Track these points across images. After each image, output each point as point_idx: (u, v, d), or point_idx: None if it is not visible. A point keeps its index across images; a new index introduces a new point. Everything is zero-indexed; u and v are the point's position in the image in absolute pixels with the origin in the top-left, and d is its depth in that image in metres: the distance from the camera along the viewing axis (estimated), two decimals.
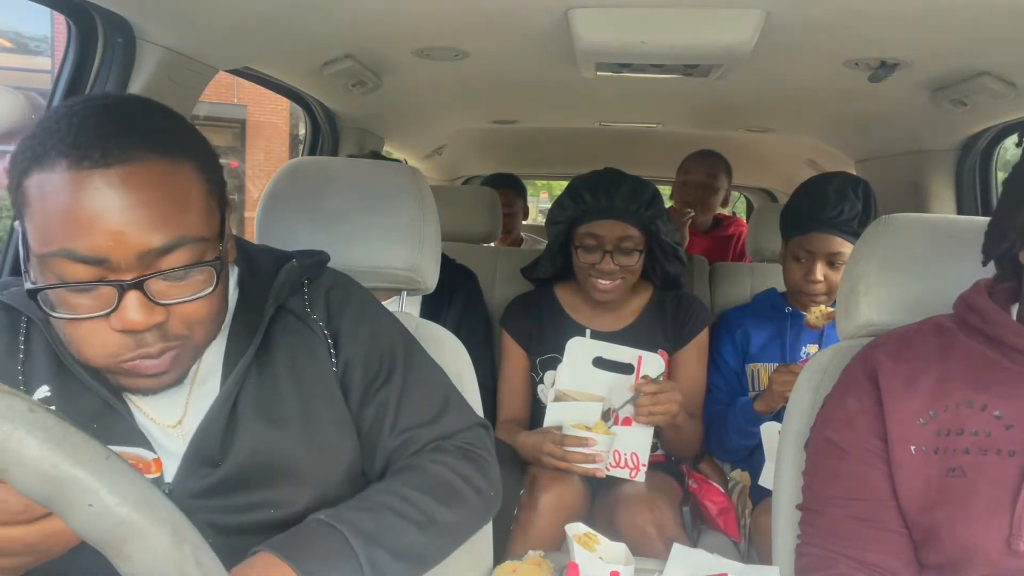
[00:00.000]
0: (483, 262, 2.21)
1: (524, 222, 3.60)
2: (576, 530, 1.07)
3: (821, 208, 1.71)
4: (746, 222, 3.13)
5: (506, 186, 3.24)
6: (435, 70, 1.81)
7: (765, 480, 1.56)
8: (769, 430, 1.57)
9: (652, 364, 1.63)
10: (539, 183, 12.67)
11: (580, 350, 1.65)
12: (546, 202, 14.37)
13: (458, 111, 2.60)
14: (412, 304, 1.73)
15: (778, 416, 1.62)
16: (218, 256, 0.78)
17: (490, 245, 2.57)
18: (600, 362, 1.64)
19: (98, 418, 0.82)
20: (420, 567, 0.84)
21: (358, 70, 1.79)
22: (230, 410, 0.85)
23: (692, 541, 1.59)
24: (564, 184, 1.84)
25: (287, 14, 1.37)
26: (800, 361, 1.75)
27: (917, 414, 0.91)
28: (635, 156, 3.23)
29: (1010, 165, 0.96)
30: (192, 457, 0.83)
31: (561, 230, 1.76)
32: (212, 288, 0.77)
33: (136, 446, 0.82)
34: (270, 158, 13.35)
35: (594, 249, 1.69)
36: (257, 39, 1.53)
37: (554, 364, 1.71)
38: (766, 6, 1.23)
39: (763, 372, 1.80)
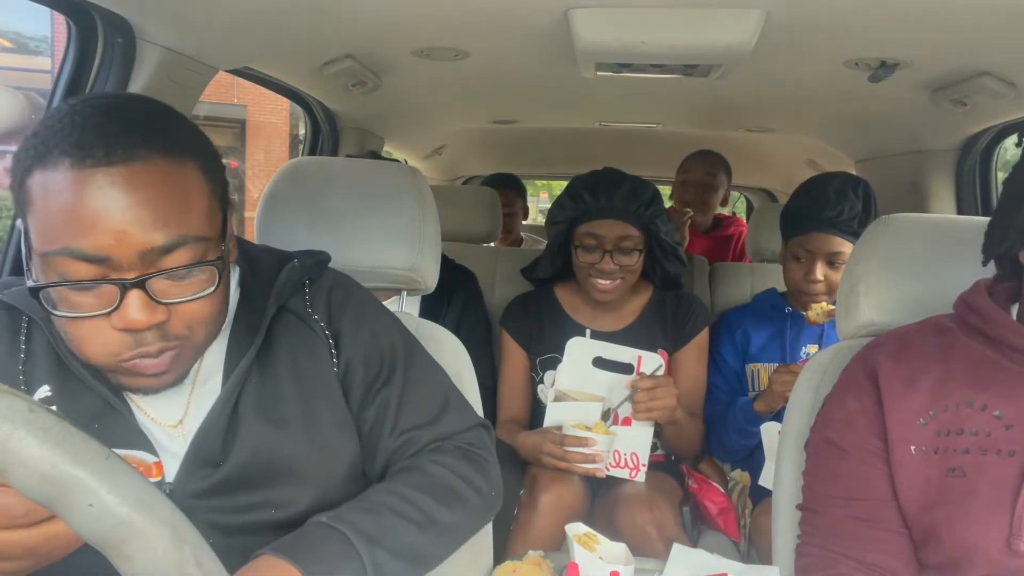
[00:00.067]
0: (483, 262, 2.21)
1: (524, 222, 3.60)
2: (576, 530, 1.07)
3: (821, 208, 1.71)
4: (746, 222, 3.13)
5: (506, 186, 3.24)
6: (435, 70, 1.81)
7: (765, 480, 1.56)
8: (769, 430, 1.57)
9: (652, 364, 1.63)
10: (539, 183, 12.67)
11: (580, 350, 1.65)
12: (546, 202, 14.36)
13: (458, 111, 2.60)
14: (412, 304, 1.73)
15: (778, 416, 1.62)
16: (220, 256, 0.78)
17: (490, 245, 2.57)
18: (600, 362, 1.64)
19: (99, 418, 0.82)
20: (421, 567, 0.84)
21: (358, 70, 1.79)
22: (231, 410, 0.85)
23: (692, 541, 1.59)
24: (564, 184, 1.84)
25: (287, 14, 1.37)
26: (800, 361, 1.75)
27: (917, 414, 0.91)
28: (635, 156, 3.23)
29: (1010, 165, 0.96)
30: (193, 457, 0.83)
31: (561, 230, 1.76)
32: (214, 288, 0.77)
33: (137, 445, 0.82)
34: (270, 158, 13.35)
35: (594, 249, 1.69)
36: (257, 39, 1.53)
37: (554, 364, 1.71)
38: (766, 6, 1.23)
39: (763, 372, 1.80)
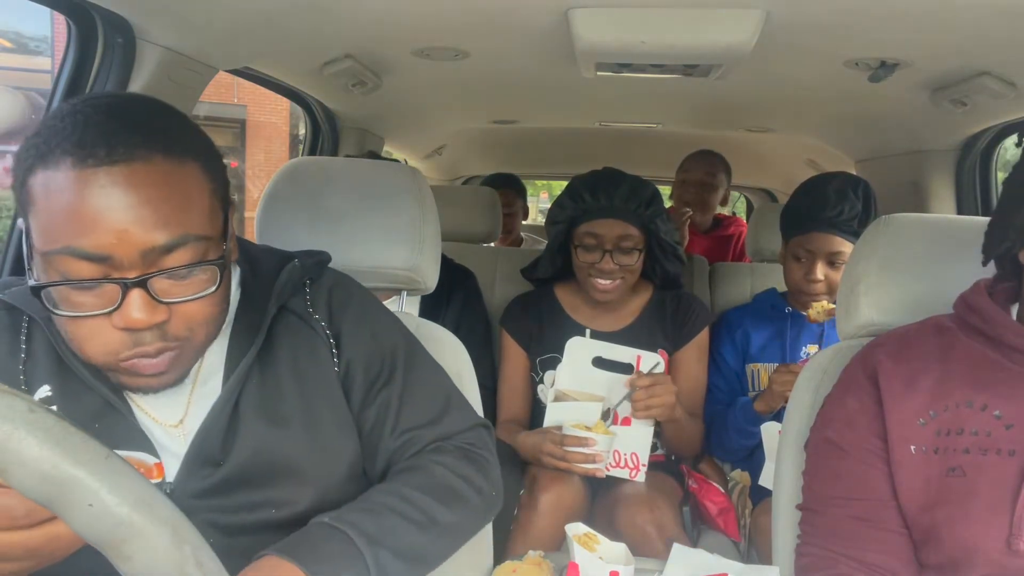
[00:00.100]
0: (483, 262, 2.21)
1: (524, 222, 3.60)
2: (576, 530, 1.07)
3: (821, 208, 1.71)
4: (746, 222, 3.13)
5: (506, 186, 3.24)
6: (435, 70, 1.80)
7: (765, 480, 1.56)
8: (769, 430, 1.57)
9: (651, 364, 1.63)
10: (539, 183, 12.67)
11: (580, 350, 1.65)
12: (546, 202, 14.36)
13: (458, 111, 2.60)
14: (411, 304, 1.73)
15: (778, 416, 1.62)
16: (221, 255, 0.78)
17: (490, 245, 2.57)
18: (600, 362, 1.64)
19: (99, 417, 0.82)
20: (422, 567, 0.84)
21: (358, 70, 1.79)
22: (232, 410, 0.85)
23: (692, 541, 1.59)
24: (564, 184, 1.84)
25: (287, 14, 1.37)
26: (800, 361, 1.75)
27: (917, 414, 0.91)
28: (635, 156, 3.23)
29: (1010, 165, 0.96)
30: (194, 457, 0.83)
31: (561, 230, 1.76)
32: (215, 287, 0.77)
33: (138, 445, 0.82)
34: (270, 158, 13.35)
35: (594, 248, 1.69)
36: (257, 39, 1.53)
37: (554, 364, 1.71)
38: (766, 6, 1.23)
39: (763, 372, 1.80)
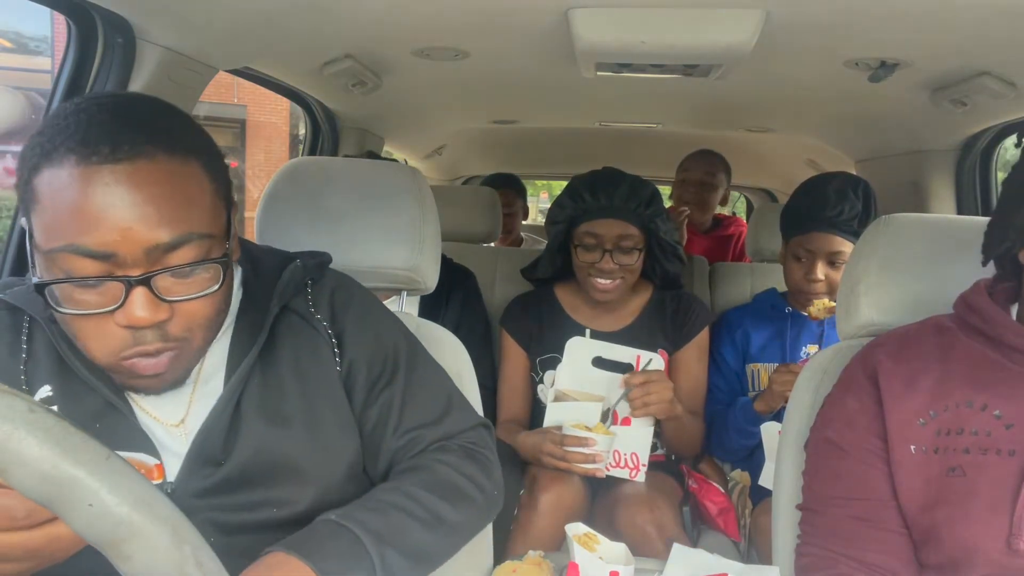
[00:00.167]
0: (483, 262, 2.21)
1: (524, 222, 3.60)
2: (576, 530, 1.07)
3: (821, 208, 1.71)
4: (746, 222, 3.13)
5: (506, 186, 3.24)
6: (435, 70, 1.80)
7: (765, 480, 1.56)
8: (769, 430, 1.57)
9: (653, 364, 1.63)
10: (539, 183, 12.67)
11: (580, 350, 1.65)
12: (546, 202, 14.36)
13: (458, 111, 2.60)
14: (411, 304, 1.73)
15: (778, 416, 1.62)
16: (224, 254, 0.78)
17: (490, 245, 2.57)
18: (600, 362, 1.64)
19: (100, 417, 0.82)
20: (427, 566, 0.84)
21: (358, 70, 1.79)
22: (233, 409, 0.85)
23: (692, 541, 1.59)
24: (564, 184, 1.84)
25: (287, 14, 1.37)
26: (800, 361, 1.75)
27: (917, 414, 0.91)
28: (635, 156, 3.23)
29: (1010, 165, 0.95)
30: (195, 456, 0.83)
31: (561, 230, 1.76)
32: (218, 286, 0.78)
33: (139, 445, 0.82)
34: (270, 158, 13.35)
35: (594, 248, 1.69)
36: (257, 39, 1.53)
37: (554, 364, 1.71)
38: (766, 6, 1.23)
39: (763, 372, 1.80)
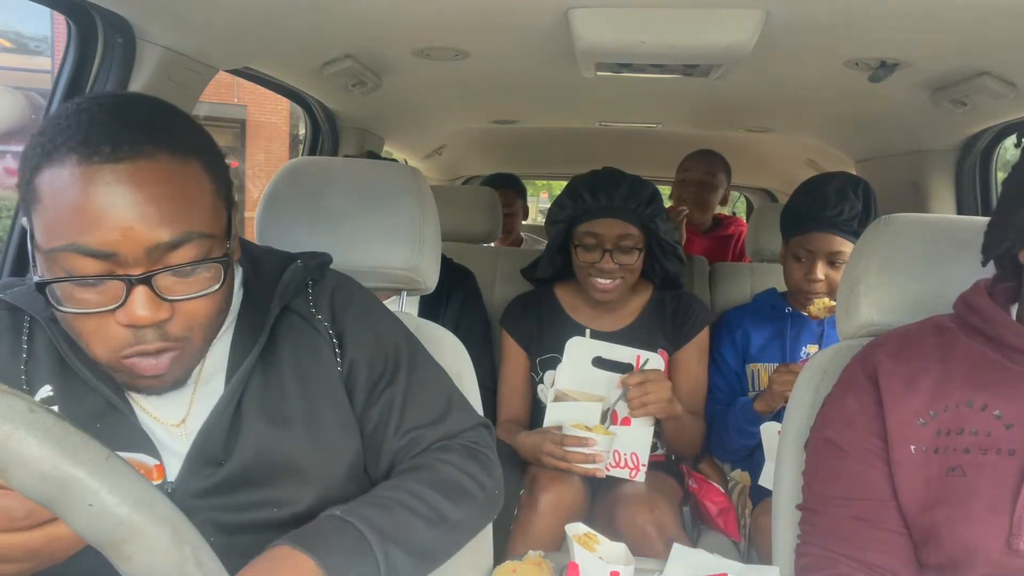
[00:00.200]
0: (483, 262, 2.21)
1: (524, 222, 3.60)
2: (576, 530, 1.07)
3: (821, 208, 1.71)
4: (746, 222, 3.13)
5: (506, 186, 3.24)
6: (435, 70, 1.80)
7: (765, 480, 1.56)
8: (769, 430, 1.57)
9: (651, 363, 1.63)
10: (539, 183, 12.67)
11: (580, 350, 1.65)
12: (546, 202, 14.36)
13: (458, 111, 2.60)
14: (411, 304, 1.73)
15: (778, 416, 1.62)
16: (225, 253, 0.79)
17: (490, 245, 2.57)
18: (600, 362, 1.64)
19: (101, 417, 0.83)
20: (430, 564, 0.85)
21: (358, 70, 1.79)
22: (234, 409, 0.85)
23: (692, 541, 1.59)
24: (564, 184, 1.84)
25: (287, 14, 1.37)
26: (800, 361, 1.75)
27: (917, 414, 0.91)
28: (635, 156, 3.23)
29: (1010, 165, 0.95)
30: (196, 456, 0.84)
31: (560, 229, 1.76)
32: (219, 285, 0.78)
33: (139, 445, 0.83)
34: (270, 158, 13.35)
35: (593, 248, 1.69)
36: (257, 39, 1.53)
37: (554, 364, 1.71)
38: (766, 6, 1.23)
39: (763, 372, 1.80)
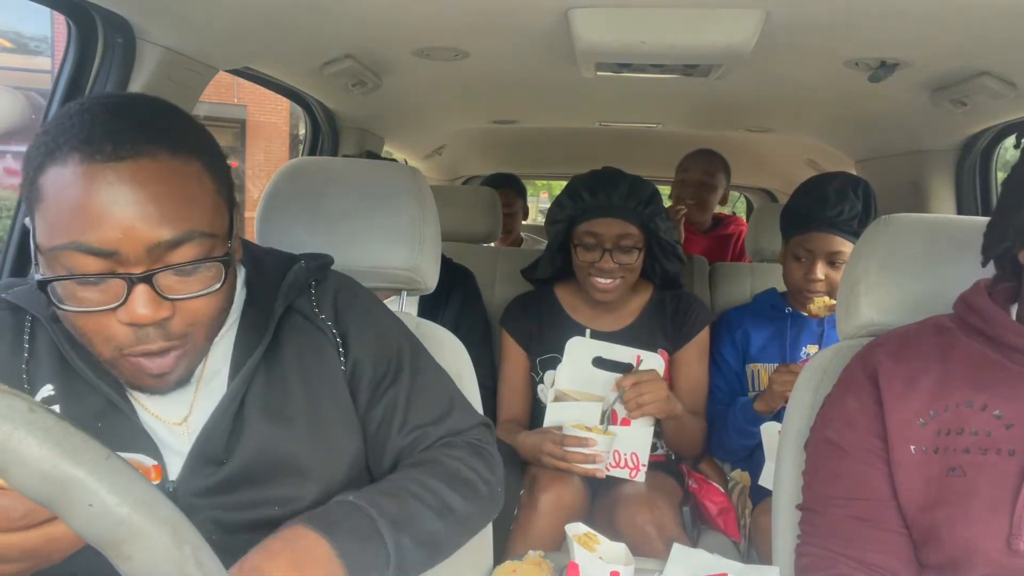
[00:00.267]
0: (483, 262, 2.21)
1: (524, 222, 3.60)
2: (576, 530, 1.07)
3: (821, 208, 1.71)
4: (746, 222, 3.13)
5: (506, 186, 3.24)
6: (435, 70, 1.80)
7: (765, 480, 1.56)
8: (769, 430, 1.57)
9: (651, 364, 1.63)
10: (539, 183, 12.67)
11: (580, 350, 1.65)
12: (546, 202, 14.36)
13: (458, 111, 2.60)
14: (410, 304, 1.73)
15: (778, 416, 1.62)
16: (226, 252, 0.79)
17: (490, 245, 2.57)
18: (600, 362, 1.64)
19: (102, 416, 0.83)
20: (436, 556, 0.85)
21: (358, 70, 1.79)
22: (237, 408, 0.85)
23: (692, 541, 1.59)
24: (564, 184, 1.84)
25: (287, 14, 1.37)
26: (800, 361, 1.75)
27: (917, 414, 0.91)
28: (635, 156, 3.23)
29: (1010, 165, 0.95)
30: (197, 455, 0.84)
31: (560, 229, 1.76)
32: (220, 284, 0.78)
33: (141, 444, 0.83)
34: (270, 158, 13.36)
35: (593, 247, 1.69)
36: (257, 39, 1.53)
37: (554, 364, 1.71)
38: (766, 6, 1.23)
39: (763, 372, 1.80)
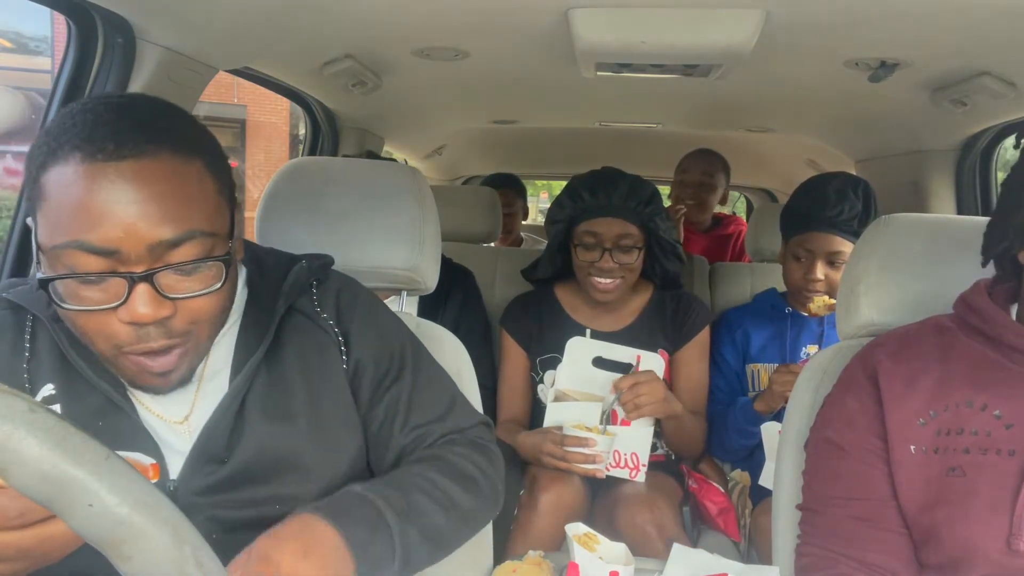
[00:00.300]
0: (483, 262, 2.21)
1: (524, 222, 3.60)
2: (576, 530, 1.07)
3: (821, 208, 1.71)
4: (746, 221, 3.13)
5: (506, 186, 3.24)
6: (435, 70, 1.80)
7: (765, 480, 1.57)
8: (769, 430, 1.58)
9: (652, 364, 1.63)
10: (539, 183, 12.67)
11: (580, 350, 1.65)
12: (546, 202, 14.36)
13: (458, 111, 2.60)
14: (410, 304, 1.73)
15: (778, 416, 1.62)
16: (227, 252, 0.79)
17: (490, 245, 2.57)
18: (600, 362, 1.64)
19: (103, 415, 0.83)
20: (440, 550, 0.86)
21: (358, 70, 1.79)
22: (238, 407, 0.86)
23: (692, 541, 1.59)
24: (564, 184, 1.84)
25: (287, 14, 1.37)
26: (800, 361, 1.75)
27: (917, 414, 0.91)
28: (635, 156, 3.23)
29: (1010, 165, 0.95)
30: (198, 454, 0.84)
31: (560, 229, 1.76)
32: (220, 283, 0.78)
33: (141, 443, 0.83)
34: (270, 158, 13.36)
35: (593, 247, 1.69)
36: (257, 39, 1.53)
37: (554, 364, 1.71)
38: (766, 6, 1.23)
39: (763, 372, 1.80)
